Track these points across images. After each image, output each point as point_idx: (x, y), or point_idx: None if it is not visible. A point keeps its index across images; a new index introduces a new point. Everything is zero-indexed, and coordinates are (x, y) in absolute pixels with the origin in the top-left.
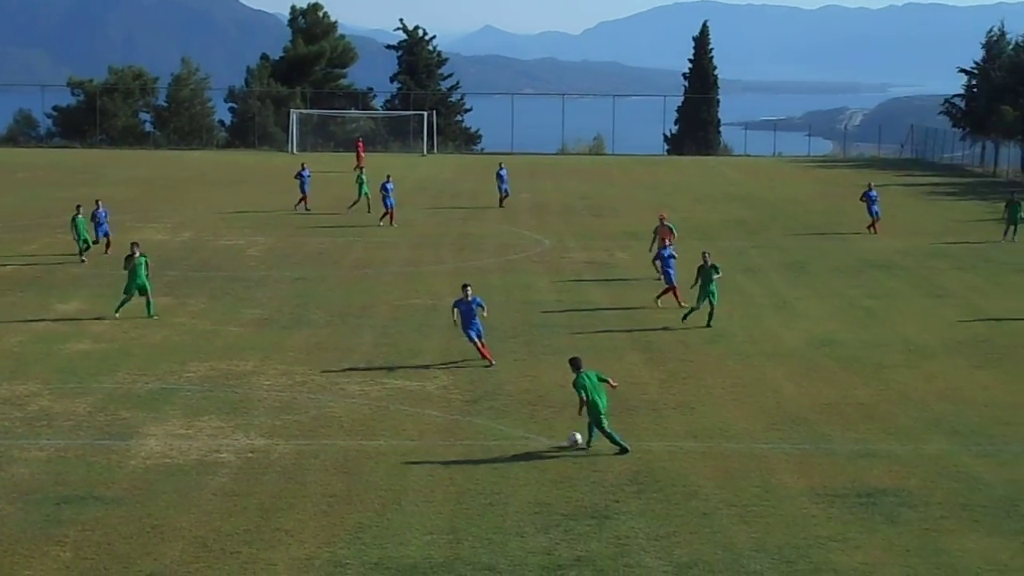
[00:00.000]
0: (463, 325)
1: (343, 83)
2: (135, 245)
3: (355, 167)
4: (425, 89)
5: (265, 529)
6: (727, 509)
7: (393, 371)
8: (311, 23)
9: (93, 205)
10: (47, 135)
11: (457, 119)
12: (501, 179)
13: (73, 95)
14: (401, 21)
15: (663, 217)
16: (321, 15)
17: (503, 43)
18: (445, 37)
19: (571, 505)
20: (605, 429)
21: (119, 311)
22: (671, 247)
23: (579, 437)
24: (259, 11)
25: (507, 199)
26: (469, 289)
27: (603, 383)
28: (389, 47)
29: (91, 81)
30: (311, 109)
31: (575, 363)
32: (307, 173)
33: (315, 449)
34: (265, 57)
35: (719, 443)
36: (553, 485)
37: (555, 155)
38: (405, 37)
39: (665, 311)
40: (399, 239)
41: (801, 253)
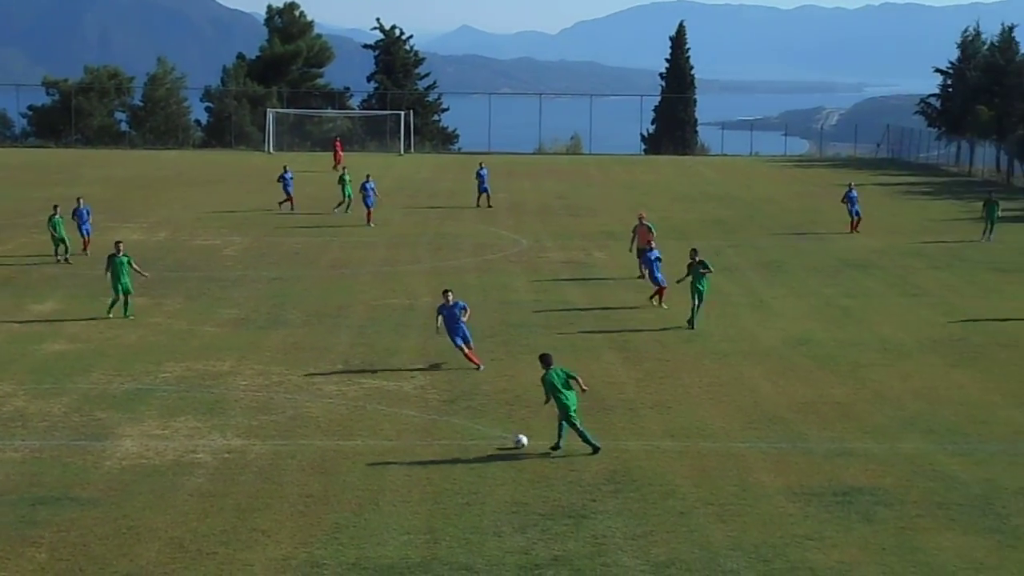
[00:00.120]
0: (449, 333)
1: (320, 83)
2: (119, 244)
3: (335, 167)
4: (402, 89)
5: (242, 530)
6: (704, 508)
7: (370, 371)
8: (287, 22)
9: (73, 204)
10: (22, 135)
11: (434, 119)
12: (481, 179)
13: (48, 95)
14: (378, 20)
15: (642, 216)
16: (297, 14)
17: (480, 43)
18: (422, 37)
19: (548, 505)
20: (577, 427)
21: (111, 311)
22: (656, 249)
23: (524, 439)
24: (235, 10)
25: (487, 199)
26: (450, 295)
27: (573, 381)
28: (366, 47)
29: (66, 81)
30: (288, 109)
31: (545, 360)
32: (290, 175)
33: (292, 449)
34: (241, 56)
35: (696, 442)
36: (530, 485)
37: (532, 155)
38: (382, 37)
39: (645, 311)
40: (376, 239)
41: (778, 252)
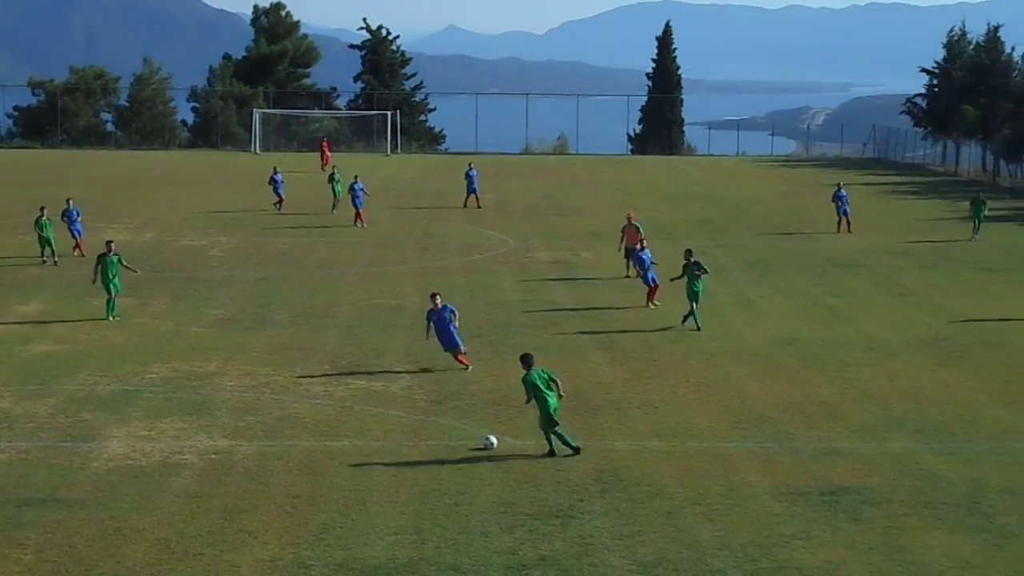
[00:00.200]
0: (442, 342)
1: (306, 83)
2: (110, 243)
3: (323, 167)
4: (389, 89)
5: (228, 531)
6: (691, 508)
7: (357, 371)
8: (274, 22)
9: (62, 205)
10: (8, 135)
11: (421, 119)
12: (470, 179)
13: (34, 95)
14: (364, 21)
15: (630, 216)
16: (284, 14)
17: (467, 43)
18: (409, 37)
19: (535, 505)
20: (556, 430)
21: (114, 312)
22: (647, 249)
23: (494, 440)
24: (221, 10)
25: (475, 199)
26: (439, 298)
27: (553, 383)
28: (352, 47)
29: (52, 81)
30: (274, 109)
31: (526, 360)
32: (279, 177)
33: (279, 450)
34: (227, 57)
35: (683, 442)
36: (517, 485)
37: (519, 155)
38: (368, 37)
39: (633, 311)
40: (363, 239)
41: (765, 252)
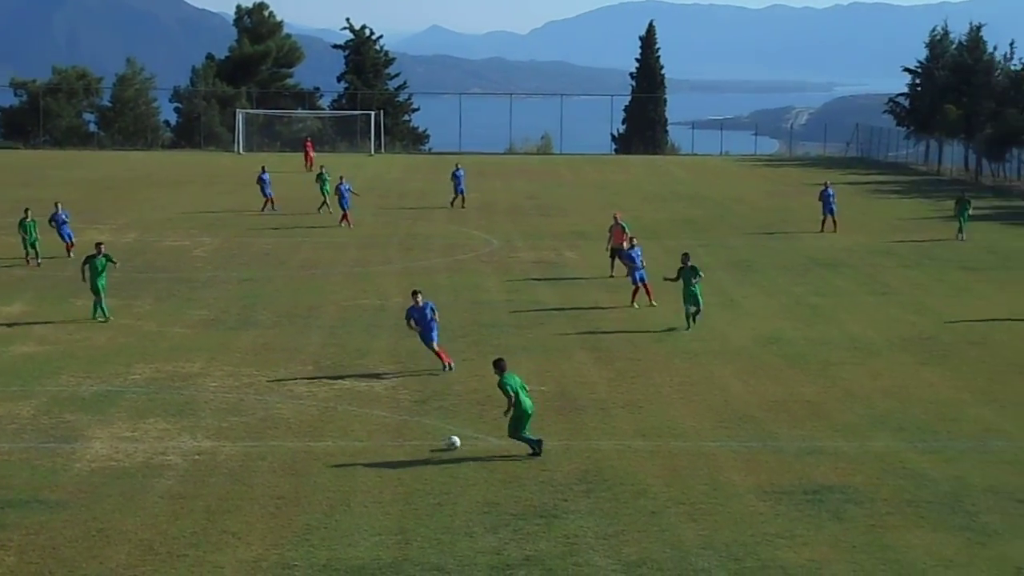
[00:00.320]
0: (424, 338)
1: (289, 83)
2: (99, 245)
3: (307, 167)
4: (372, 89)
5: (212, 532)
6: (675, 507)
7: (341, 372)
8: (257, 22)
9: (50, 208)
10: None
11: (405, 119)
12: (457, 179)
13: (16, 95)
14: (348, 21)
15: (616, 216)
16: (267, 14)
17: (450, 43)
18: (392, 37)
19: (520, 505)
20: (524, 435)
21: (106, 313)
22: (638, 248)
23: (457, 440)
24: (204, 10)
25: (462, 200)
26: (419, 296)
27: (524, 389)
28: (336, 47)
29: (34, 81)
30: (257, 109)
31: (500, 365)
32: (267, 177)
33: (262, 451)
34: (210, 57)
35: (667, 441)
36: (502, 485)
37: (503, 155)
38: (352, 37)
39: (617, 310)
40: (347, 239)
41: (748, 251)
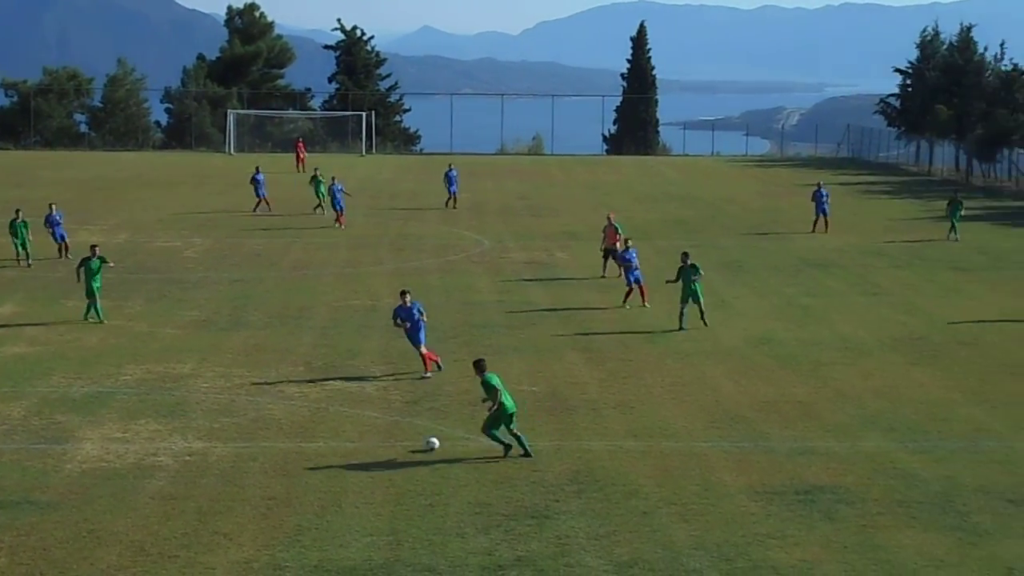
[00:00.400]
0: (411, 339)
1: (280, 83)
2: (94, 247)
3: (299, 168)
4: (363, 89)
5: (203, 533)
6: (667, 508)
7: (332, 373)
8: (248, 23)
9: (42, 208)
10: None
11: (396, 119)
12: (450, 180)
13: (7, 96)
14: (339, 21)
15: (610, 217)
16: (258, 15)
17: (441, 43)
18: (383, 37)
19: (511, 505)
20: (495, 433)
21: (101, 316)
22: (633, 249)
23: (435, 442)
24: (195, 11)
25: (454, 200)
26: (408, 296)
27: (505, 390)
28: (327, 47)
29: (25, 82)
30: (248, 110)
31: (480, 365)
32: (261, 177)
33: (254, 452)
34: (201, 57)
35: (659, 442)
36: (493, 486)
37: (494, 155)
38: (343, 37)
39: (608, 311)
40: (338, 240)
41: (739, 252)
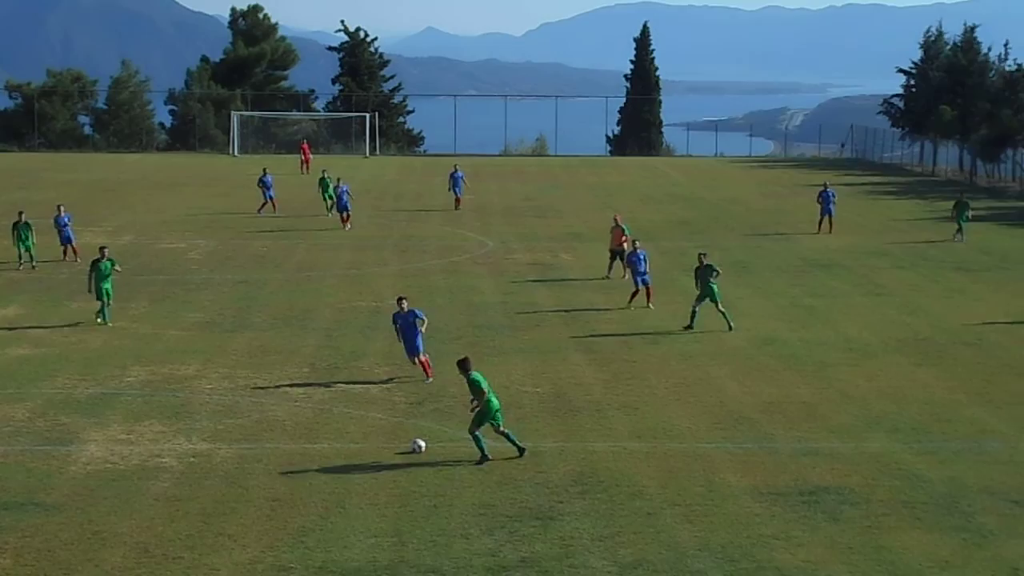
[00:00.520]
0: (406, 348)
1: (284, 85)
2: (103, 249)
3: (303, 170)
4: (367, 91)
5: (208, 534)
6: (671, 509)
7: (336, 374)
8: (251, 25)
9: (51, 211)
10: None
11: (399, 121)
12: (455, 181)
13: (11, 98)
14: (342, 23)
15: (617, 218)
16: (261, 17)
17: (445, 44)
18: (387, 39)
19: (516, 506)
20: (478, 435)
21: (107, 319)
22: (642, 250)
23: (422, 444)
24: (199, 13)
25: (457, 201)
26: (405, 302)
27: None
28: (330, 49)
29: (29, 84)
30: (252, 111)
31: (465, 364)
32: (270, 179)
33: (258, 453)
34: (205, 59)
35: (663, 443)
36: (497, 487)
37: (498, 156)
38: (346, 39)
39: (612, 312)
40: (342, 241)
41: (743, 253)
